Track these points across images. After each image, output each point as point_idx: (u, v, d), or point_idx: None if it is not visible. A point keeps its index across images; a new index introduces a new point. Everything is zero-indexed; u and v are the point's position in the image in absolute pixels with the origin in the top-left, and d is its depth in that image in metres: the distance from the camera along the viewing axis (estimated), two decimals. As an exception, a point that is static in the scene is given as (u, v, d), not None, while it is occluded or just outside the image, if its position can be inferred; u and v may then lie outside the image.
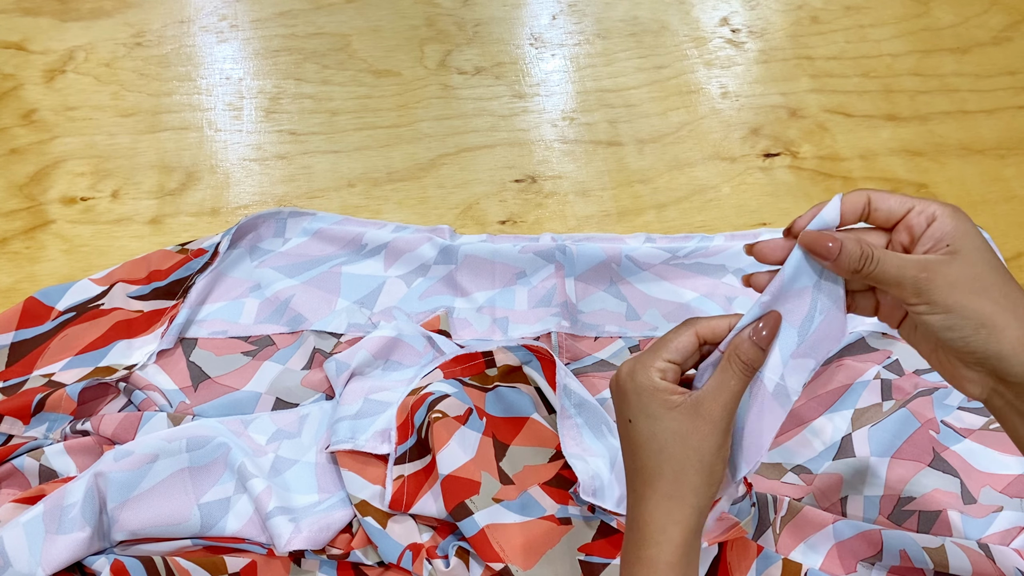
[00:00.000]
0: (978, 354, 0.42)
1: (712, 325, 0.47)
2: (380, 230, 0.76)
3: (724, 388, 0.45)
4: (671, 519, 0.45)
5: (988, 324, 0.41)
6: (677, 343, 0.46)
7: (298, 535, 0.58)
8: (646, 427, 0.45)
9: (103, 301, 0.70)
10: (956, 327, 0.42)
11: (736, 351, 0.45)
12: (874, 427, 0.66)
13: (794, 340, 0.46)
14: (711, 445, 0.45)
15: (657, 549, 0.45)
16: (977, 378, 0.44)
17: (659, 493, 0.45)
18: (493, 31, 0.93)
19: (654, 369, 0.46)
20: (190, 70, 0.88)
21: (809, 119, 0.88)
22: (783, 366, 0.46)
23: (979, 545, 0.60)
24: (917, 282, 0.42)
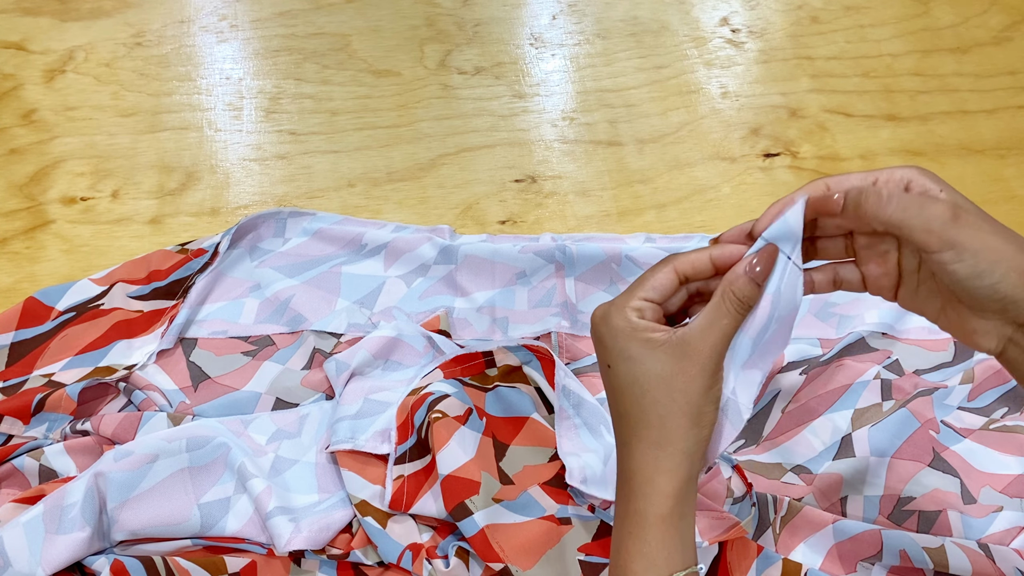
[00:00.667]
0: (1005, 300, 0.39)
1: (692, 259, 0.44)
2: (380, 230, 0.76)
3: (714, 326, 0.42)
4: (659, 468, 0.42)
5: (1016, 267, 0.39)
6: (654, 280, 0.44)
7: (298, 535, 0.58)
8: (626, 371, 0.43)
9: (103, 301, 0.70)
10: (985, 273, 0.39)
11: (730, 287, 0.42)
12: (874, 427, 0.66)
13: (746, 352, 0.44)
14: (699, 386, 0.42)
15: (646, 502, 0.43)
16: (993, 329, 0.41)
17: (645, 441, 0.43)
18: (493, 31, 0.93)
19: (629, 309, 0.43)
20: (190, 70, 0.88)
21: (809, 119, 0.88)
22: (734, 379, 0.44)
23: (979, 545, 0.60)
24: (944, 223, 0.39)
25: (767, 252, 0.43)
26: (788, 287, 0.43)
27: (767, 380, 0.69)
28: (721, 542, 0.60)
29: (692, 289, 0.45)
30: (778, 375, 0.69)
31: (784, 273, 0.43)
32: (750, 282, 0.42)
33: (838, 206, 0.42)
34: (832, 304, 0.74)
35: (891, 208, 0.40)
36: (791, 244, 0.43)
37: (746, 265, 0.42)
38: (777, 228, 0.43)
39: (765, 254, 0.43)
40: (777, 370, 0.69)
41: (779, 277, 0.43)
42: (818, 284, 0.46)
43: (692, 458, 0.43)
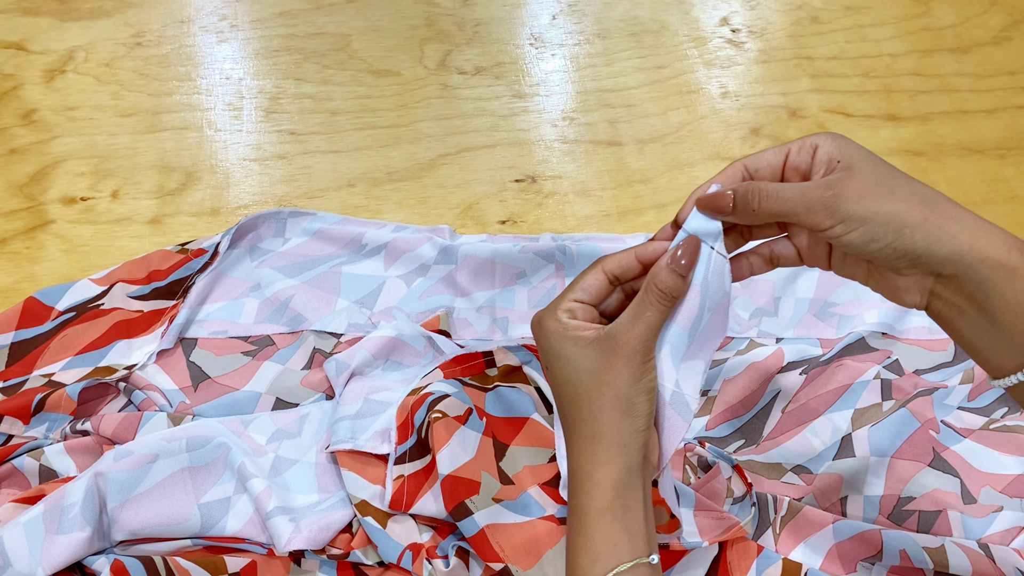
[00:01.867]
0: (909, 255, 0.41)
1: (618, 259, 0.45)
2: (380, 230, 0.76)
3: (639, 319, 0.43)
4: (596, 462, 0.43)
5: (908, 222, 0.40)
6: (583, 282, 0.45)
7: (298, 535, 0.58)
8: (560, 370, 0.44)
9: (103, 301, 0.70)
10: (879, 236, 0.41)
11: (653, 280, 0.43)
12: (874, 427, 0.66)
13: (684, 344, 0.44)
14: (626, 377, 0.42)
15: (586, 496, 0.43)
16: (913, 284, 0.42)
17: (581, 436, 0.44)
18: (493, 31, 0.93)
19: (560, 311, 0.44)
20: (190, 70, 0.88)
21: (809, 119, 0.88)
22: (676, 372, 0.45)
23: (979, 545, 0.60)
24: (825, 202, 0.41)
25: (689, 243, 0.44)
26: (715, 275, 0.44)
27: (767, 380, 0.69)
28: (721, 542, 0.60)
29: (628, 289, 0.46)
30: (778, 375, 0.69)
31: (709, 262, 0.44)
32: (672, 274, 0.43)
33: (728, 205, 0.43)
34: (832, 304, 0.74)
35: (774, 202, 0.42)
36: (712, 234, 0.44)
37: (668, 258, 0.44)
38: (696, 219, 0.44)
39: (687, 246, 0.44)
40: (777, 370, 0.69)
41: (705, 266, 0.44)
42: (756, 266, 0.47)
43: (628, 449, 0.43)
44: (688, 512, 0.61)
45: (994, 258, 0.40)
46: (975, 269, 0.40)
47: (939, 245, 0.40)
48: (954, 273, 0.41)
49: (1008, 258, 0.40)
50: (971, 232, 0.40)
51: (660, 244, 0.45)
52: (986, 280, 0.40)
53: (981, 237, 0.40)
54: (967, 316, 0.42)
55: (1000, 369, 0.42)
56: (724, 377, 0.69)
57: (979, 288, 0.40)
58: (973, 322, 0.42)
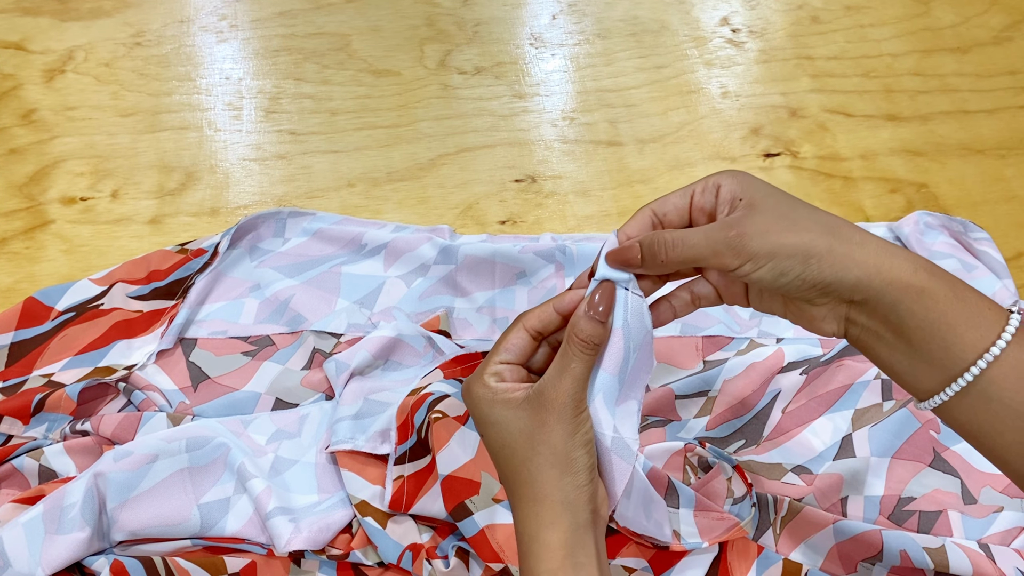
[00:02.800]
0: (819, 285, 0.41)
1: (537, 314, 0.45)
2: (380, 230, 0.76)
3: (564, 372, 0.42)
4: (540, 523, 0.42)
5: (814, 252, 0.40)
6: (507, 343, 0.45)
7: (298, 535, 0.58)
8: (494, 436, 0.43)
9: (103, 301, 0.70)
10: (786, 270, 0.41)
11: (573, 330, 0.43)
12: (874, 427, 0.66)
13: (615, 388, 0.44)
14: (560, 433, 0.42)
15: (534, 559, 0.42)
16: (828, 313, 0.43)
17: (524, 499, 0.43)
18: (493, 31, 0.93)
19: (487, 375, 0.44)
20: (190, 70, 0.88)
21: (809, 119, 0.88)
22: (613, 418, 0.44)
23: (979, 545, 0.60)
24: (730, 242, 0.41)
25: (603, 289, 0.44)
26: (634, 316, 0.44)
27: (767, 380, 0.69)
28: (721, 542, 0.60)
29: (552, 342, 0.46)
30: (778, 375, 0.69)
31: (627, 304, 0.44)
32: (591, 321, 0.43)
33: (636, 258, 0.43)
34: (832, 304, 0.74)
35: (680, 250, 0.42)
36: (624, 276, 0.44)
37: (585, 306, 0.43)
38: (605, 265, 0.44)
39: (602, 291, 0.44)
40: (777, 370, 0.69)
41: (623, 309, 0.44)
42: (679, 308, 0.47)
43: (573, 507, 0.42)
44: (688, 513, 0.61)
45: (901, 279, 0.40)
46: (884, 293, 0.40)
47: (846, 272, 0.40)
48: (865, 299, 0.41)
49: (915, 278, 0.40)
50: (876, 256, 0.41)
51: (576, 293, 0.45)
52: (897, 302, 0.40)
53: (886, 260, 0.40)
54: (884, 340, 0.42)
55: (922, 391, 0.42)
56: (724, 377, 0.69)
57: (892, 311, 0.41)
58: (891, 346, 0.42)
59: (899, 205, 0.82)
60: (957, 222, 0.79)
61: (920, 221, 0.78)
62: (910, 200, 0.83)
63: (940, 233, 0.78)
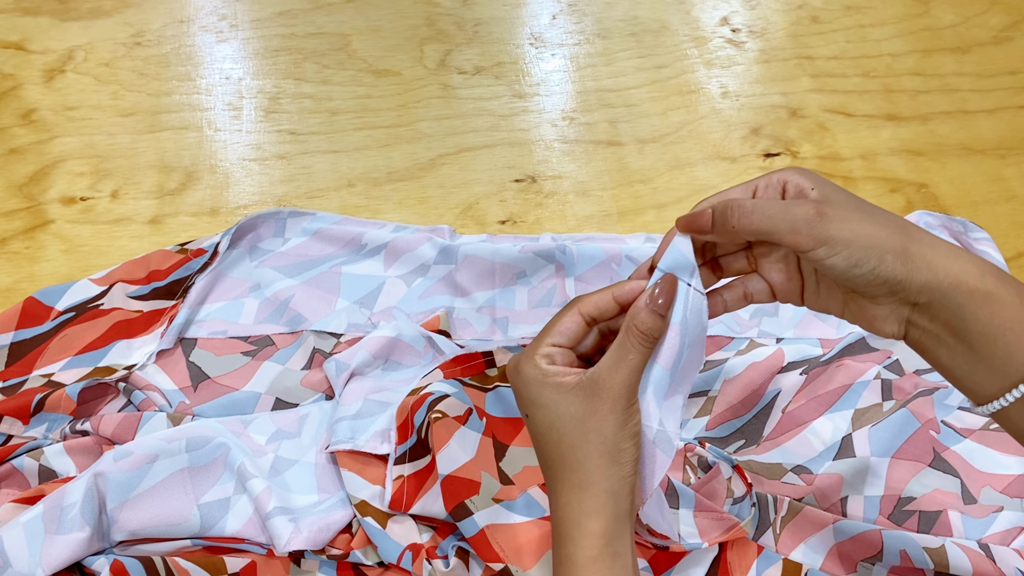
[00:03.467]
0: (889, 282, 0.40)
1: (594, 300, 0.44)
2: (380, 230, 0.76)
3: (621, 362, 0.42)
4: (584, 511, 0.42)
5: (889, 248, 0.40)
6: (560, 326, 0.44)
7: (298, 535, 0.58)
8: (542, 418, 0.43)
9: (103, 301, 0.70)
10: (861, 261, 0.40)
11: (633, 321, 0.42)
12: (874, 427, 0.66)
13: (666, 383, 0.44)
14: (612, 424, 0.42)
15: (574, 546, 0.42)
16: (891, 313, 0.42)
17: (568, 485, 0.43)
18: (493, 31, 0.93)
19: (538, 356, 0.43)
20: (190, 70, 0.88)
21: (809, 119, 0.88)
22: (659, 412, 0.44)
23: (979, 545, 0.60)
24: (809, 220, 0.40)
25: (666, 282, 0.43)
26: (693, 312, 0.44)
27: (767, 380, 0.69)
28: (721, 542, 0.60)
29: (603, 329, 0.46)
30: (778, 375, 0.69)
31: (687, 300, 0.44)
32: (652, 314, 0.43)
33: (708, 223, 0.43)
34: (832, 304, 0.74)
35: (755, 218, 0.41)
36: (687, 270, 0.44)
37: (647, 298, 0.43)
38: (670, 257, 0.44)
39: (664, 284, 0.43)
40: (777, 370, 0.69)
41: (683, 304, 0.44)
42: (730, 302, 0.47)
43: (616, 496, 0.43)
44: (688, 513, 0.61)
45: (968, 284, 0.40)
46: (950, 296, 0.40)
47: (917, 273, 0.40)
48: (930, 300, 0.41)
49: (982, 283, 0.40)
50: (945, 259, 0.40)
51: (637, 283, 0.45)
52: (962, 306, 0.40)
53: (955, 264, 0.40)
54: (945, 344, 0.42)
55: (982, 395, 0.41)
56: (724, 377, 0.69)
57: (955, 315, 0.40)
58: (952, 349, 0.41)
59: (899, 205, 0.82)
60: (957, 222, 0.79)
61: (920, 221, 0.78)
62: (910, 200, 0.83)
63: (940, 233, 0.78)
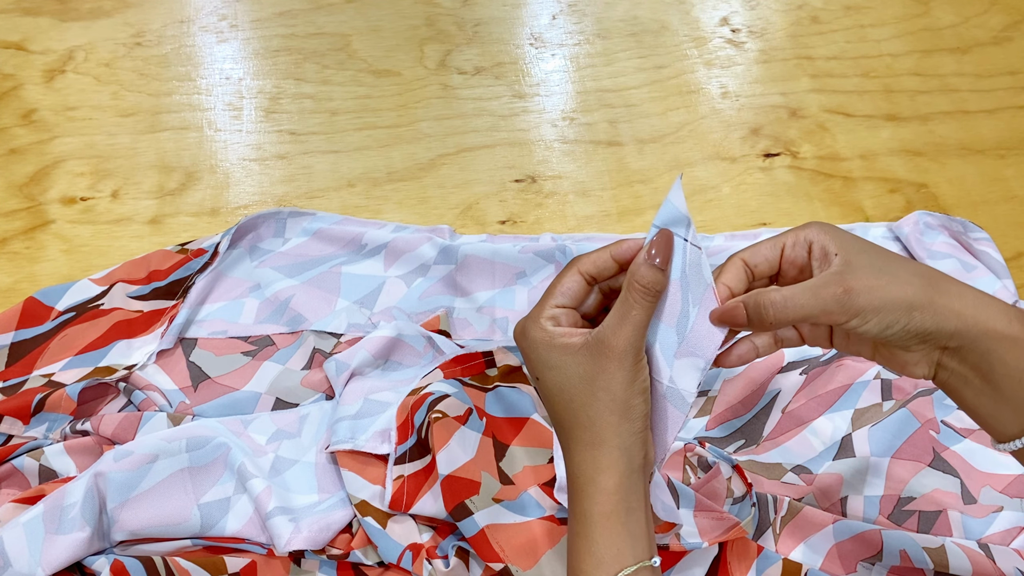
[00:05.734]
0: (920, 334, 0.42)
1: (592, 259, 0.45)
2: (380, 230, 0.76)
3: (625, 319, 0.43)
4: (597, 467, 0.43)
5: (917, 305, 0.42)
6: (561, 287, 0.45)
7: (298, 535, 0.58)
8: (552, 379, 0.44)
9: (103, 301, 0.70)
10: (892, 323, 0.42)
11: (634, 277, 0.43)
12: (874, 427, 0.66)
13: (674, 340, 0.45)
14: (620, 381, 0.43)
15: (589, 502, 0.43)
16: (922, 358, 0.44)
17: (580, 443, 0.44)
18: (493, 31, 0.93)
19: (544, 319, 0.44)
20: (190, 70, 0.88)
21: (809, 119, 0.88)
22: (669, 368, 0.45)
23: (979, 545, 0.60)
24: (838, 300, 0.42)
25: (662, 236, 0.44)
26: (692, 267, 0.44)
27: (767, 380, 0.69)
28: (721, 542, 0.60)
29: (604, 288, 0.46)
30: (778, 375, 0.69)
31: (685, 255, 0.44)
32: (651, 268, 0.43)
33: (743, 319, 0.44)
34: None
35: (790, 311, 0.43)
36: (683, 225, 0.44)
37: (645, 253, 0.44)
38: (665, 213, 0.44)
39: (661, 239, 0.44)
40: (777, 370, 0.69)
41: (681, 260, 0.44)
42: (762, 348, 0.48)
43: (629, 452, 0.44)
44: (688, 513, 0.61)
45: (996, 330, 0.42)
46: (980, 341, 0.42)
47: (946, 323, 0.42)
48: (960, 346, 0.42)
49: (1009, 329, 0.42)
50: (974, 307, 0.42)
51: (633, 241, 0.45)
52: (990, 351, 0.42)
53: (983, 310, 0.42)
54: (972, 385, 0.43)
55: (1004, 435, 0.43)
56: (724, 377, 0.69)
57: (983, 359, 0.42)
58: (978, 390, 0.43)
59: (899, 205, 0.82)
60: (957, 222, 0.79)
61: (920, 221, 0.78)
62: (910, 200, 0.83)
63: (940, 233, 0.78)
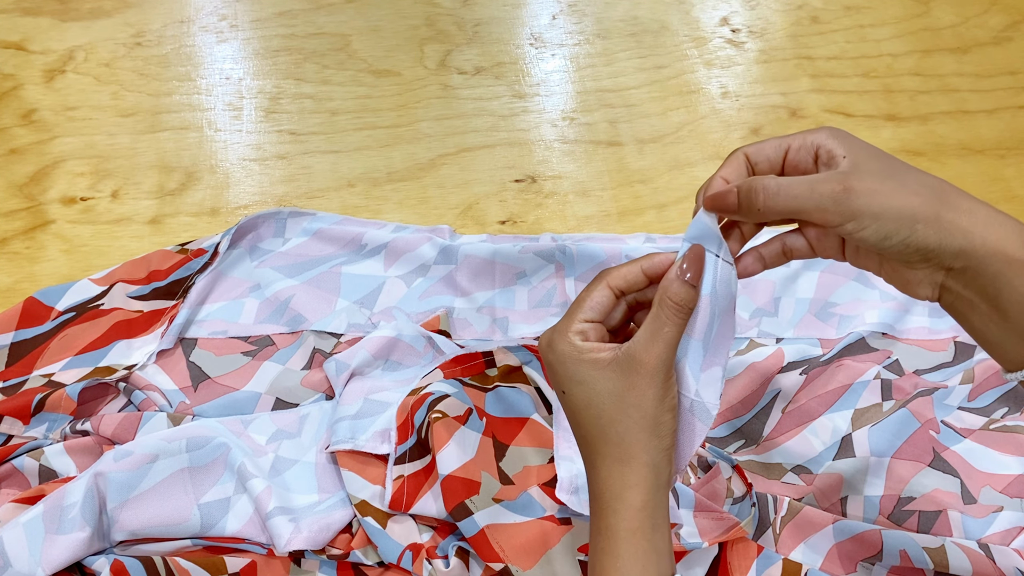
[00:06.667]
0: (921, 250, 0.40)
1: (623, 273, 0.45)
2: (380, 230, 0.76)
3: (657, 336, 0.42)
4: (626, 484, 0.43)
5: (921, 217, 0.40)
6: (591, 300, 0.44)
7: (298, 535, 0.58)
8: (580, 394, 0.43)
9: (103, 301, 0.70)
10: (891, 233, 0.40)
11: (665, 294, 0.43)
12: (874, 427, 0.66)
13: (700, 353, 0.44)
14: (651, 398, 0.42)
15: (616, 518, 0.43)
16: (925, 278, 0.42)
17: (608, 459, 0.43)
18: (493, 31, 0.93)
19: (572, 333, 0.44)
20: (190, 70, 0.88)
21: (809, 119, 0.88)
22: (696, 383, 0.45)
23: (979, 545, 0.60)
24: (835, 197, 0.40)
25: (694, 253, 0.43)
26: (722, 283, 0.44)
27: (767, 380, 0.69)
28: (721, 542, 0.60)
29: (630, 300, 0.46)
30: (778, 375, 0.69)
31: (716, 270, 0.44)
32: (684, 285, 0.43)
33: (734, 203, 0.42)
34: (832, 304, 0.74)
35: (781, 199, 0.41)
36: (715, 241, 0.44)
37: (677, 270, 0.43)
38: (696, 228, 0.44)
39: (692, 255, 0.43)
40: (777, 370, 0.69)
41: (712, 275, 0.44)
42: (769, 259, 0.46)
43: (657, 469, 0.43)
44: (688, 513, 0.61)
45: (1006, 252, 0.39)
46: (987, 263, 0.40)
47: (951, 240, 0.40)
48: (965, 266, 0.40)
49: (1021, 252, 0.39)
50: (983, 226, 0.40)
51: (664, 256, 0.45)
52: (998, 275, 0.40)
53: (994, 231, 0.40)
54: (978, 310, 0.41)
55: (1012, 362, 0.41)
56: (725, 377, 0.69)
57: (991, 282, 0.40)
58: (985, 316, 0.41)
59: (899, 205, 0.82)
60: (957, 222, 0.79)
61: (920, 221, 0.78)
62: (910, 200, 0.83)
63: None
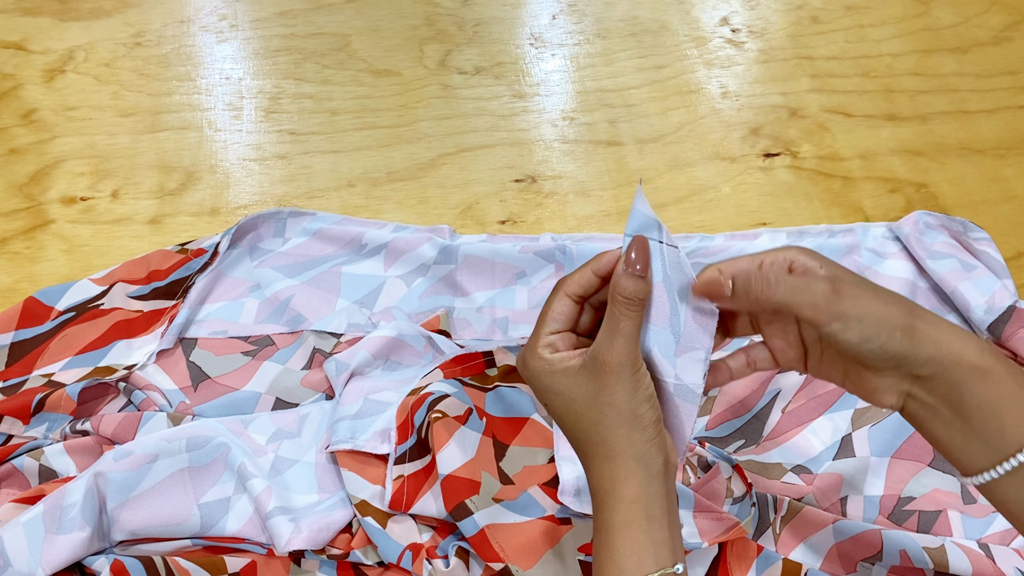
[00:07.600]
0: (896, 357, 0.42)
1: (576, 279, 0.46)
2: (380, 230, 0.76)
3: (615, 333, 0.43)
4: (615, 479, 0.44)
5: (899, 326, 0.42)
6: (552, 312, 0.46)
7: (298, 535, 0.58)
8: (560, 404, 0.45)
9: (103, 301, 0.70)
10: (872, 336, 0.42)
11: (616, 290, 0.44)
12: (874, 427, 0.66)
13: (670, 340, 0.45)
14: (622, 393, 0.43)
15: (610, 512, 0.44)
16: (891, 386, 0.44)
17: (597, 458, 0.45)
18: (493, 31, 0.93)
19: (541, 347, 0.45)
20: (190, 70, 0.88)
21: (809, 119, 0.88)
22: (673, 367, 0.45)
23: (979, 545, 0.60)
24: (828, 297, 0.42)
25: (637, 244, 0.45)
26: (672, 267, 0.45)
27: (767, 380, 0.69)
28: (721, 542, 0.60)
29: (595, 303, 0.47)
30: (778, 375, 0.69)
31: (663, 256, 0.45)
32: (631, 278, 0.44)
33: (727, 291, 0.44)
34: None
35: (778, 291, 0.43)
36: (655, 229, 0.45)
37: (623, 264, 0.44)
38: (634, 220, 0.45)
39: (636, 247, 0.45)
40: (777, 370, 0.69)
41: (660, 261, 0.45)
42: (735, 370, 0.49)
43: (645, 460, 0.44)
44: (688, 513, 0.61)
45: (969, 360, 0.42)
46: (952, 371, 0.42)
47: (923, 348, 0.42)
48: (931, 374, 0.42)
49: (981, 360, 0.42)
50: (948, 336, 0.42)
51: (612, 254, 0.46)
52: (962, 382, 0.42)
53: (957, 341, 0.42)
54: (941, 417, 0.43)
55: (972, 468, 0.43)
56: (724, 377, 0.69)
57: (954, 389, 0.42)
58: (947, 422, 0.43)
59: (899, 205, 0.82)
60: (957, 222, 0.79)
61: (920, 221, 0.78)
62: (910, 200, 0.83)
63: (940, 233, 0.78)
